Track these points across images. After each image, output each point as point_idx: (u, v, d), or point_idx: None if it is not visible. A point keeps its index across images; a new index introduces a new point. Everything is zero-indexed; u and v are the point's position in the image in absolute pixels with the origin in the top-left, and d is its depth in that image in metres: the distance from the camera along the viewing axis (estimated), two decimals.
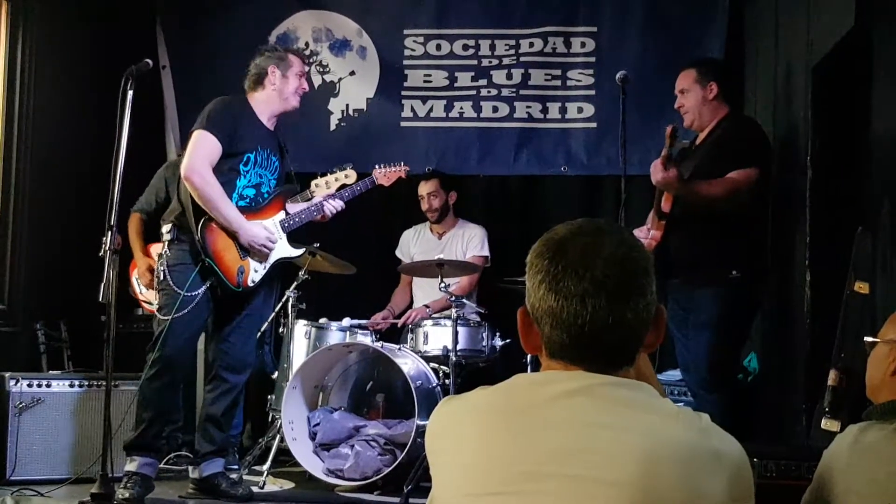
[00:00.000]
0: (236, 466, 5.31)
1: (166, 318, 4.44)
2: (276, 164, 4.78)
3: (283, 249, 4.79)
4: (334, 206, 4.90)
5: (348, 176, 5.13)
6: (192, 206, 4.51)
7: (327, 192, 5.07)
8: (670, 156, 4.47)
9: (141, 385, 4.54)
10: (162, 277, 4.53)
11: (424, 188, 6.20)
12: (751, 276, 4.48)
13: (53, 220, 5.95)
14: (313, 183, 5.10)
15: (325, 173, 5.11)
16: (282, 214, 4.80)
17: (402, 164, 5.31)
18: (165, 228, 4.63)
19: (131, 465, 4.47)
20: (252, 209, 4.66)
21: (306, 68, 4.94)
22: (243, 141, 4.60)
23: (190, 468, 4.75)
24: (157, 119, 6.70)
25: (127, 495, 4.34)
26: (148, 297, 5.32)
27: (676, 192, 4.47)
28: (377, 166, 5.25)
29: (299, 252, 4.92)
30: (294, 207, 4.89)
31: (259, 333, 5.57)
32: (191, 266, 4.50)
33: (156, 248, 5.18)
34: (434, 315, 5.82)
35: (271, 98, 4.77)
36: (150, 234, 5.38)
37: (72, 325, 5.81)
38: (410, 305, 6.25)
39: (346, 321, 5.67)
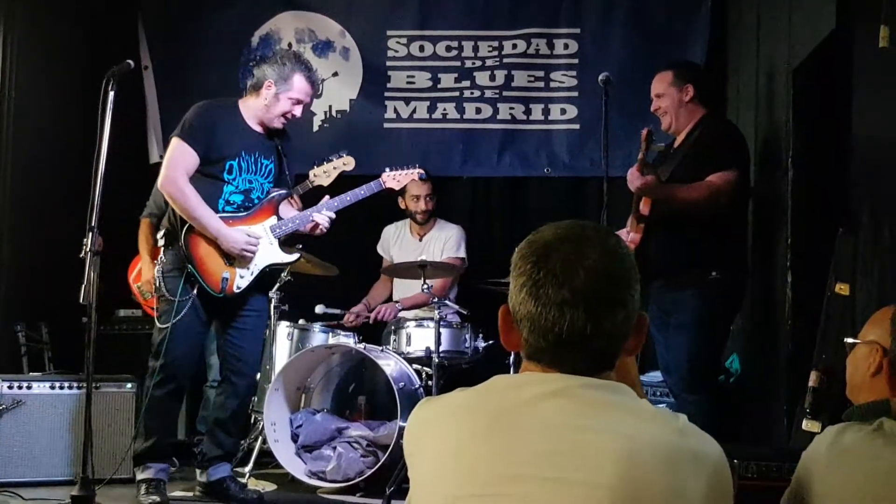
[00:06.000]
0: None
1: (165, 325, 4.45)
2: (269, 167, 4.69)
3: (273, 255, 4.69)
4: (323, 217, 4.72)
5: (346, 164, 5.01)
6: (175, 212, 4.52)
7: (326, 180, 4.99)
8: (646, 160, 4.50)
9: (148, 393, 4.53)
10: (158, 284, 4.55)
11: (422, 189, 6.09)
12: (731, 278, 4.49)
13: (35, 220, 5.92)
14: (311, 173, 5.02)
15: (322, 162, 5.04)
16: (273, 219, 4.72)
17: (417, 165, 5.17)
18: (160, 234, 4.64)
19: (147, 473, 4.49)
20: (240, 215, 4.62)
21: (306, 99, 4.75)
22: (223, 147, 4.54)
23: (197, 471, 4.73)
24: (139, 120, 6.68)
25: (158, 499, 4.40)
26: (153, 302, 5.25)
27: (655, 196, 4.49)
28: (387, 169, 5.07)
29: (293, 258, 4.81)
30: (288, 212, 4.81)
31: None
32: (182, 271, 4.50)
33: None
34: (419, 317, 5.82)
35: (259, 108, 4.66)
36: None
37: (53, 327, 5.78)
38: (390, 300, 6.25)
39: (320, 308, 5.64)
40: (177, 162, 4.49)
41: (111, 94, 4.12)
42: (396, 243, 6.33)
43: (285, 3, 6.75)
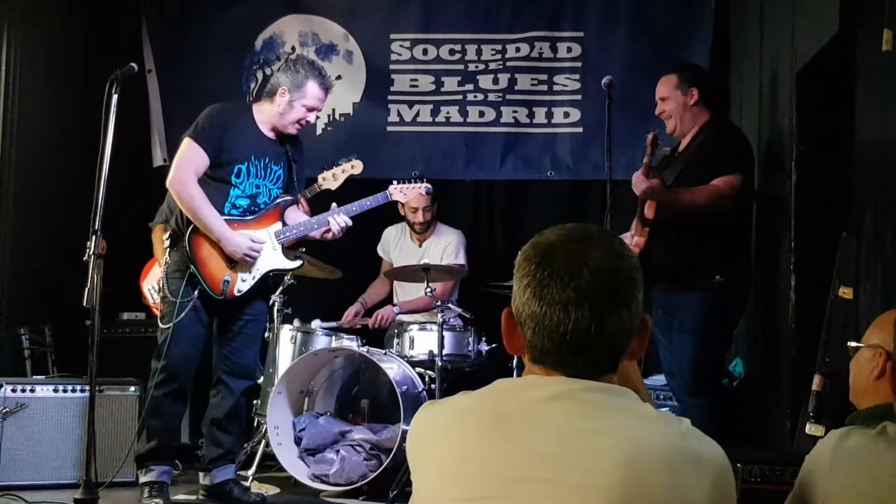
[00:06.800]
0: None
1: (166, 326, 4.47)
2: (278, 173, 4.69)
3: (276, 260, 4.71)
4: (339, 221, 4.73)
5: (354, 167, 5.03)
6: (182, 213, 4.53)
7: (334, 184, 5.00)
8: (651, 164, 4.50)
9: (150, 394, 4.53)
10: (162, 285, 4.59)
11: (420, 201, 6.02)
12: (735, 281, 4.50)
13: (39, 223, 5.93)
14: (320, 177, 5.03)
15: (330, 166, 5.06)
16: (278, 225, 4.72)
17: (424, 180, 5.19)
18: (165, 235, 4.66)
19: (149, 476, 4.51)
20: (244, 219, 4.62)
21: (320, 105, 4.79)
22: (233, 151, 4.55)
23: (200, 474, 4.74)
24: (143, 123, 6.68)
25: (161, 502, 4.42)
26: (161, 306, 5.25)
27: (661, 200, 4.49)
28: (394, 182, 5.09)
29: (295, 264, 4.84)
30: (294, 218, 4.81)
31: None
32: (184, 273, 4.52)
33: None
34: (422, 320, 5.81)
35: (272, 114, 4.67)
36: None
37: (56, 330, 5.79)
38: (388, 300, 6.25)
39: (316, 323, 5.66)
40: (186, 162, 4.50)
41: (115, 97, 4.13)
42: (396, 247, 6.33)
43: (289, 7, 6.76)
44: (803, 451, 2.05)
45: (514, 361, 5.19)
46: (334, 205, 4.84)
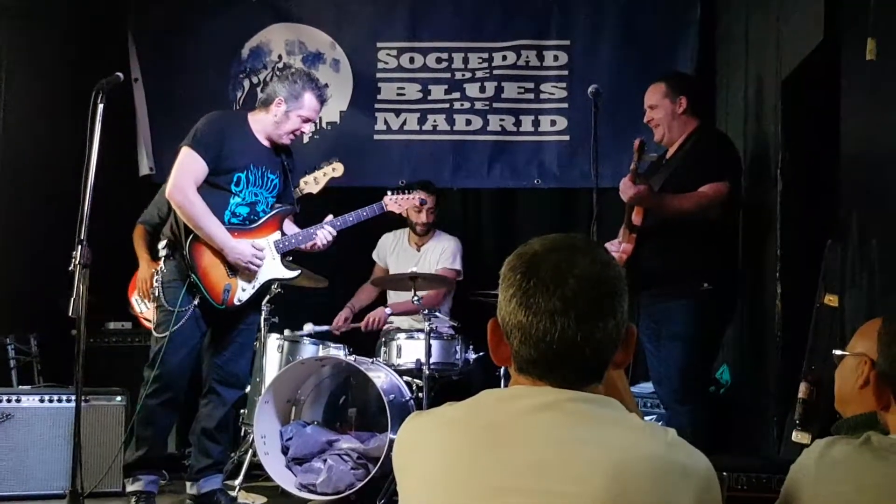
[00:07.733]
0: None
1: (162, 335, 4.44)
2: (274, 181, 4.70)
3: (276, 270, 4.72)
4: (325, 235, 4.78)
5: (335, 169, 5.06)
6: (182, 222, 4.51)
7: (316, 188, 5.02)
8: (638, 170, 4.50)
9: (142, 403, 4.50)
10: (157, 294, 4.55)
11: (427, 201, 6.04)
12: (722, 289, 4.50)
13: (24, 233, 5.90)
14: (301, 181, 5.05)
15: (311, 170, 5.07)
16: (277, 234, 4.73)
17: (417, 192, 5.24)
18: (161, 244, 4.63)
19: (136, 485, 4.49)
20: (245, 227, 4.62)
21: (315, 117, 4.82)
22: (232, 159, 4.54)
23: (187, 484, 4.72)
24: (129, 132, 6.66)
25: None
26: (148, 315, 5.22)
27: (648, 206, 4.49)
28: (389, 192, 5.13)
29: (294, 274, 4.83)
30: (290, 228, 4.84)
31: None
32: (182, 282, 4.50)
33: None
34: (409, 328, 5.81)
35: (268, 123, 4.68)
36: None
37: (42, 340, 5.75)
38: (376, 303, 6.24)
39: (309, 327, 5.65)
40: (186, 170, 4.48)
41: (100, 106, 4.12)
42: (394, 252, 6.32)
43: (275, 15, 6.76)
44: (789, 458, 2.06)
45: (502, 370, 5.18)
46: (330, 216, 4.85)
